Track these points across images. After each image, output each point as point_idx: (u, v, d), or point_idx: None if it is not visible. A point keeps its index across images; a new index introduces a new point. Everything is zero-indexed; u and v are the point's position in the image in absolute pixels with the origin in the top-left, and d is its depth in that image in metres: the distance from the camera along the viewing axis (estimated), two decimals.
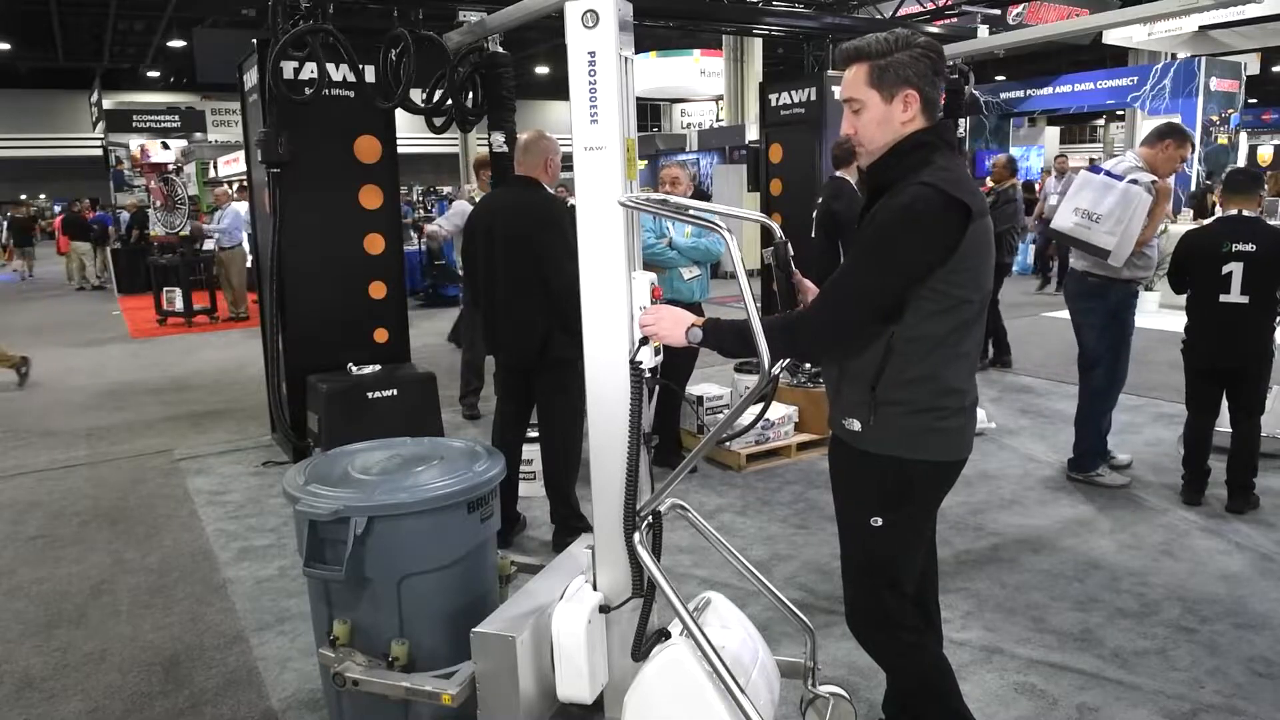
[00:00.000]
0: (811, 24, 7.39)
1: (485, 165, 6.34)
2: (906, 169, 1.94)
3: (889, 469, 2.02)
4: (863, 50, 1.97)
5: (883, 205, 1.94)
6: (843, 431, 2.08)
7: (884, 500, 2.05)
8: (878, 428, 2.00)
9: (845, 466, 2.13)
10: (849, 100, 2.01)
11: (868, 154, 2.03)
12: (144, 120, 27.39)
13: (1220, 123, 14.82)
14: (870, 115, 1.98)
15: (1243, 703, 2.75)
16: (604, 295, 2.25)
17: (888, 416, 1.99)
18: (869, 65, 1.96)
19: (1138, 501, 4.45)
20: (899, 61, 1.94)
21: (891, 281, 1.90)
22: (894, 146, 1.98)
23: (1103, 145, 29.49)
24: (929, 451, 2.03)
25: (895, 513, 2.06)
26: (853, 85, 1.99)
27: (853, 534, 2.15)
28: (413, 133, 12.06)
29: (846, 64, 2.00)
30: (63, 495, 4.99)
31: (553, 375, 3.84)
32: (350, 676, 2.37)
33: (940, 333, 1.94)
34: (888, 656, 2.22)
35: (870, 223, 1.96)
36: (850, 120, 2.02)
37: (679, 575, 3.64)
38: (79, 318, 12.63)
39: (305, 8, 5.17)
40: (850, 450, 2.08)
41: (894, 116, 1.96)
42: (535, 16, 4.86)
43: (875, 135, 1.99)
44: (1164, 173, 4.35)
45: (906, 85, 1.94)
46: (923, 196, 1.86)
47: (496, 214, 3.88)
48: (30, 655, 3.25)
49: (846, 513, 2.15)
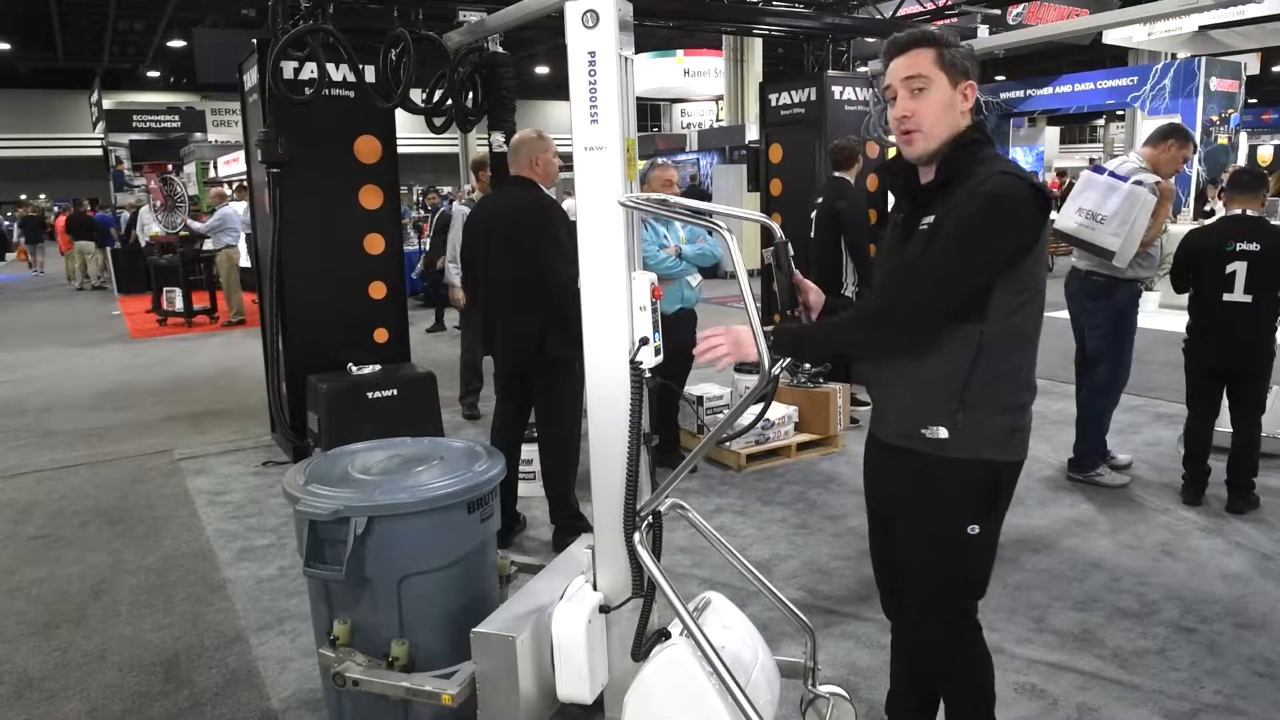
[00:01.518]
0: (811, 24, 7.37)
1: (484, 166, 6.29)
2: (972, 161, 1.92)
3: (981, 473, 1.96)
4: (930, 35, 1.94)
5: (966, 195, 1.86)
6: (920, 442, 1.97)
7: (977, 507, 1.98)
8: (967, 431, 1.92)
9: (925, 479, 2.00)
10: (912, 78, 1.92)
11: (925, 138, 1.94)
12: (144, 120, 27.44)
13: (1220, 123, 14.81)
14: (938, 97, 1.92)
15: (1243, 703, 2.75)
16: (604, 295, 2.25)
17: (978, 418, 1.92)
18: (937, 49, 1.92)
19: (1138, 501, 4.45)
20: (962, 53, 1.93)
21: (983, 267, 1.85)
22: (956, 139, 1.94)
23: (1103, 145, 29.49)
24: (1016, 451, 1.99)
25: (987, 518, 2.00)
26: (919, 63, 1.92)
27: (938, 547, 2.03)
28: (413, 133, 12.05)
29: (910, 47, 1.94)
30: (63, 495, 4.99)
31: (550, 375, 3.85)
32: (350, 676, 2.37)
33: (1023, 325, 1.93)
34: (963, 670, 2.16)
35: (953, 212, 1.87)
36: (908, 102, 1.94)
37: (679, 575, 3.63)
38: (79, 318, 12.63)
39: (305, 8, 5.18)
40: (929, 460, 1.97)
41: (956, 104, 1.93)
42: (535, 16, 4.86)
43: (940, 117, 1.92)
44: (1166, 173, 4.36)
45: (967, 77, 1.93)
46: (1011, 185, 1.85)
47: (492, 215, 3.89)
48: (30, 655, 3.25)
49: (931, 526, 2.03)
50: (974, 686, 2.18)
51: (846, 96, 7.09)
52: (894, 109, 1.98)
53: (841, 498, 4.62)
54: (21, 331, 11.35)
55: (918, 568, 2.11)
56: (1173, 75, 14.87)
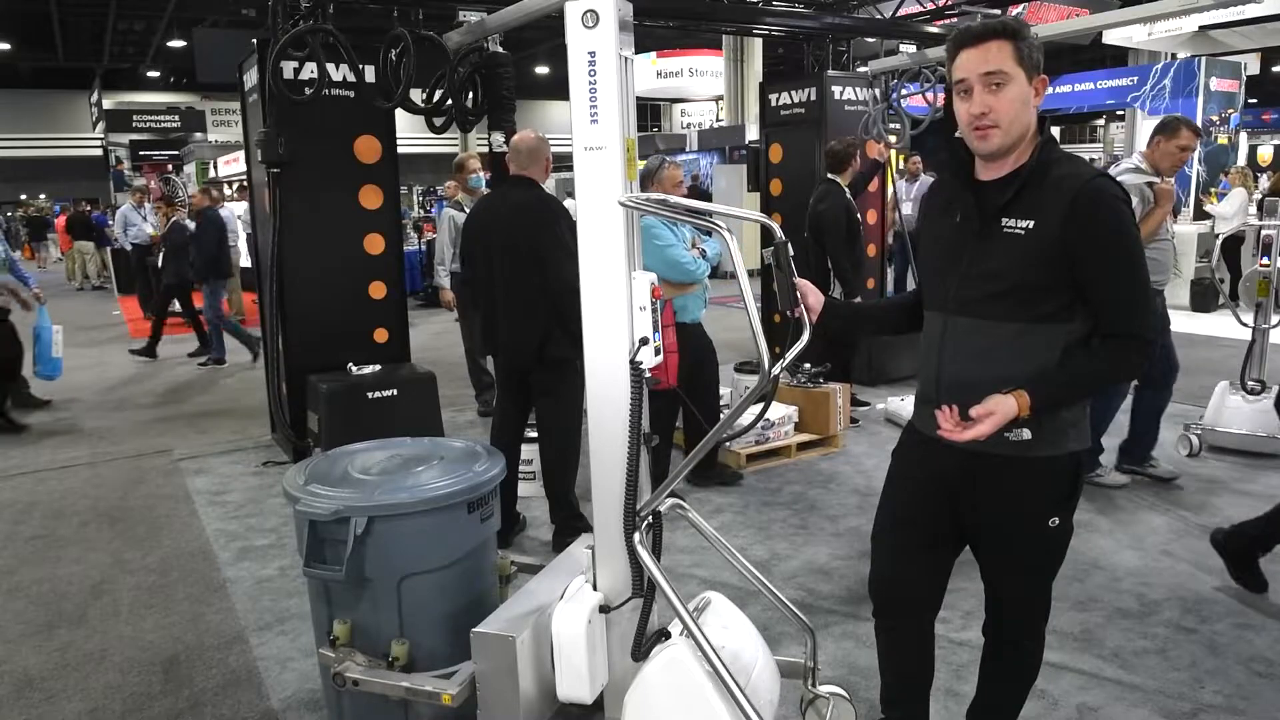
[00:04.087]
0: (811, 24, 7.37)
1: (462, 169, 6.46)
2: (1050, 160, 1.90)
3: (1066, 467, 1.99)
4: (1009, 26, 1.87)
5: (1092, 204, 1.84)
6: (1004, 446, 1.94)
7: (1063, 498, 2.01)
8: (1049, 429, 1.94)
9: (1015, 480, 1.99)
10: (991, 74, 1.86)
11: (1003, 135, 1.88)
12: (144, 120, 27.40)
13: (1220, 123, 14.81)
14: (1016, 92, 1.86)
15: (1243, 703, 2.75)
16: (604, 295, 2.24)
17: (1056, 415, 1.94)
18: (1015, 42, 1.86)
19: (1138, 501, 4.45)
20: (1036, 45, 1.88)
21: None
22: (1034, 136, 1.92)
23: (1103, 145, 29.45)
24: (1086, 438, 2.02)
25: (1069, 507, 2.03)
26: (999, 58, 1.85)
27: (1036, 545, 2.05)
28: (413, 133, 12.04)
29: (987, 39, 1.87)
30: (63, 495, 4.99)
31: (551, 375, 3.85)
32: (350, 676, 2.37)
33: (1089, 319, 1.93)
34: (1037, 663, 2.21)
35: (1097, 225, 1.84)
36: (986, 97, 1.87)
37: (679, 575, 3.63)
38: (79, 318, 12.62)
39: (305, 8, 5.18)
40: (1015, 462, 1.96)
41: (1030, 99, 1.89)
42: (535, 16, 4.85)
43: (1019, 114, 1.88)
44: (1165, 168, 4.24)
45: (1039, 71, 1.89)
46: (1115, 186, 1.88)
47: (494, 214, 3.89)
48: (30, 655, 3.25)
49: (1026, 524, 2.02)
50: (1032, 679, 2.24)
51: (846, 96, 7.09)
52: (968, 103, 1.90)
53: (841, 498, 4.62)
54: (21, 331, 11.32)
55: (1014, 573, 2.12)
56: (1173, 75, 14.88)
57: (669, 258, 4.24)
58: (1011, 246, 1.90)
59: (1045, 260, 1.87)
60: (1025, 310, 1.91)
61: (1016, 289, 1.91)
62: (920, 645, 2.30)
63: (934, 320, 2.08)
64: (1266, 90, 25.25)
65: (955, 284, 2.00)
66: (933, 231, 2.13)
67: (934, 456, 2.07)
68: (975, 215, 1.96)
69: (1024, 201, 1.90)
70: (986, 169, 1.97)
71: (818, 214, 5.67)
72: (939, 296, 2.06)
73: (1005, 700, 2.28)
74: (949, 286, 2.02)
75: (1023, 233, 1.89)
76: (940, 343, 2.04)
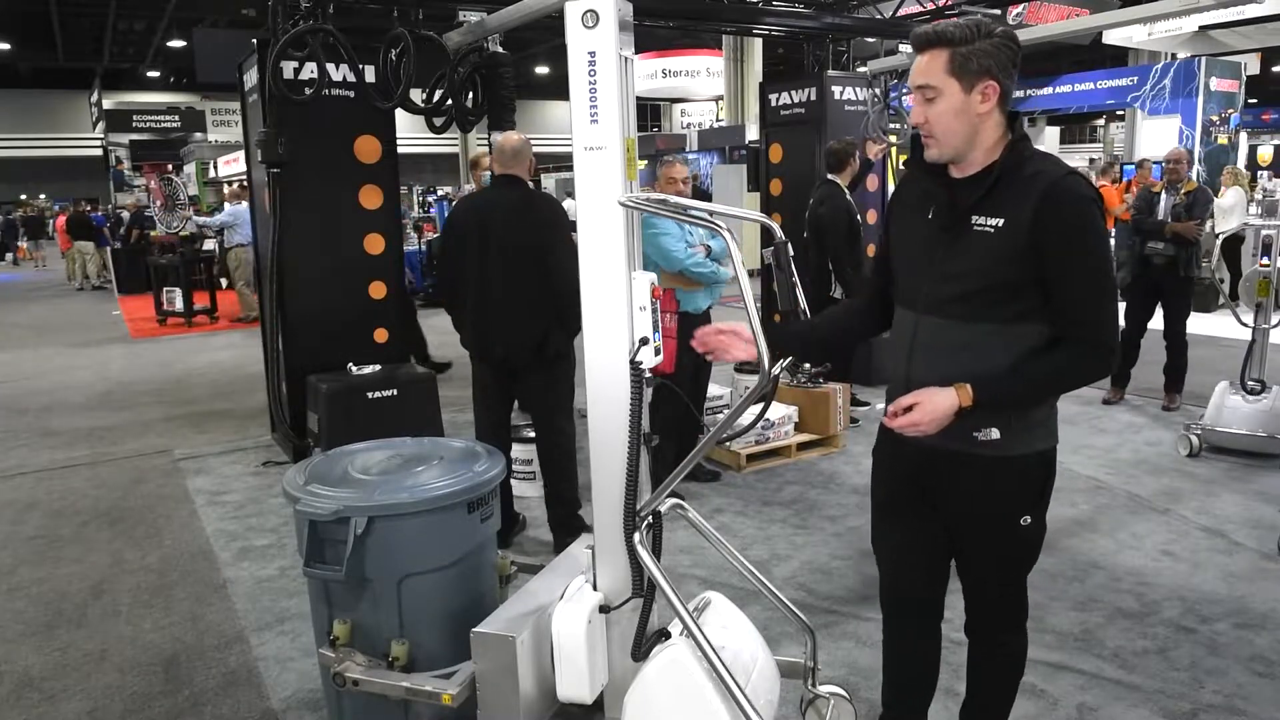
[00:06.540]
0: (811, 24, 7.36)
1: (477, 166, 6.43)
2: (1020, 159, 1.89)
3: (1036, 465, 1.99)
4: (944, 35, 1.85)
5: (1059, 200, 1.82)
6: (973, 445, 1.95)
7: (1034, 497, 2.02)
8: (1019, 428, 1.94)
9: (983, 479, 1.98)
10: (923, 88, 1.88)
11: (939, 145, 1.90)
12: (144, 120, 27.45)
13: (1220, 123, 14.80)
14: (947, 105, 1.86)
15: (1243, 703, 2.75)
16: (604, 295, 2.24)
17: (1026, 414, 1.94)
18: (950, 52, 1.84)
19: (1138, 501, 4.45)
20: (981, 50, 1.83)
21: None
22: (1002, 136, 1.90)
23: (1103, 145, 29.48)
24: (1055, 436, 2.02)
25: (1041, 505, 2.04)
26: (928, 71, 1.87)
27: (1009, 544, 2.06)
28: (413, 133, 12.05)
29: (923, 49, 1.88)
30: (63, 495, 4.99)
31: (548, 373, 3.84)
32: (350, 676, 2.37)
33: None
34: (1022, 656, 2.22)
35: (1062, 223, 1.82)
36: (921, 109, 1.90)
37: (679, 575, 3.63)
38: (79, 318, 12.63)
39: (305, 8, 5.17)
40: (986, 461, 1.96)
41: (972, 107, 1.86)
42: (535, 16, 4.86)
43: (951, 126, 1.87)
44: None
45: (987, 76, 1.84)
46: (1085, 184, 1.87)
47: (485, 214, 3.85)
48: (30, 655, 3.25)
49: (998, 523, 2.03)
50: (1019, 676, 2.24)
51: (846, 96, 7.09)
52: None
53: (841, 497, 4.62)
54: (22, 331, 11.35)
55: (989, 571, 2.12)
56: (1173, 75, 14.87)
57: (661, 246, 4.26)
58: (981, 245, 1.89)
59: (1015, 259, 1.85)
60: (996, 311, 1.89)
61: (987, 289, 1.89)
62: (925, 648, 2.30)
63: (905, 318, 2.06)
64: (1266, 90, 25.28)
65: (926, 283, 1.99)
66: (905, 227, 2.10)
67: (902, 454, 2.09)
68: (946, 213, 1.95)
69: (994, 200, 1.88)
70: (957, 167, 1.96)
71: (818, 215, 5.68)
72: (910, 295, 2.05)
73: (994, 696, 2.27)
74: (920, 285, 2.01)
75: (992, 231, 1.87)
76: (911, 342, 2.03)
